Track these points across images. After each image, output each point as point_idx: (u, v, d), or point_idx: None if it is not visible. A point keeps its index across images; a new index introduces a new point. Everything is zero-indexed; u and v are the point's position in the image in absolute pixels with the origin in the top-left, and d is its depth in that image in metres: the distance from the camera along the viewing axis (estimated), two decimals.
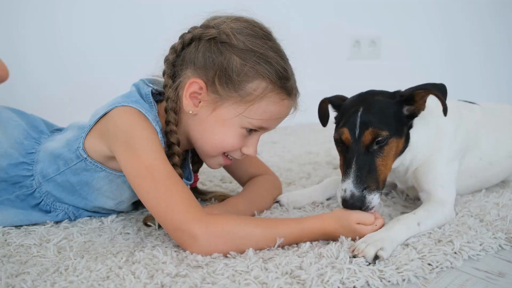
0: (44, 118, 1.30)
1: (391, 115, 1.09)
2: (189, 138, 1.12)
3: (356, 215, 1.01)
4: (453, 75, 3.38)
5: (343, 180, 1.05)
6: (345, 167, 1.07)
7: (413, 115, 1.14)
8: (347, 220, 1.01)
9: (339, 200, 1.06)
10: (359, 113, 1.06)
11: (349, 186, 1.02)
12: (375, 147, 1.06)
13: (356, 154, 1.05)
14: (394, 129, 1.09)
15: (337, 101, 1.21)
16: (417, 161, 1.20)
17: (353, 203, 1.02)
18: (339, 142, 1.10)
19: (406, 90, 1.13)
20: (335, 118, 1.21)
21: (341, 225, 1.01)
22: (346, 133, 1.07)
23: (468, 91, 3.37)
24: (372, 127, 1.05)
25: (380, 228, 1.02)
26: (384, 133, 1.05)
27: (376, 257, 0.92)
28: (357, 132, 1.05)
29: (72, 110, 1.79)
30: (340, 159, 1.12)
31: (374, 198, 1.03)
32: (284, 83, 1.06)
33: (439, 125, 1.21)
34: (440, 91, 1.10)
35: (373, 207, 1.04)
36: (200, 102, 1.06)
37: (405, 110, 1.13)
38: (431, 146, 1.19)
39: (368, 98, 1.12)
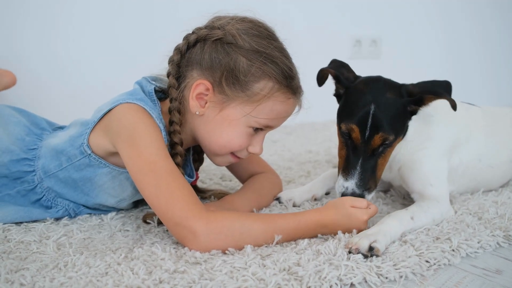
0: (45, 118, 1.30)
1: (399, 116, 1.10)
2: (196, 138, 1.13)
3: (350, 199, 1.05)
4: (453, 75, 3.35)
5: (346, 178, 1.07)
6: (348, 165, 1.08)
7: (415, 112, 1.15)
8: (341, 204, 1.04)
9: (338, 195, 1.10)
10: (371, 113, 1.06)
11: (351, 186, 1.06)
12: (380, 149, 1.09)
13: (362, 156, 1.07)
14: (399, 130, 1.11)
15: (343, 78, 1.16)
16: (400, 156, 1.20)
17: None
18: (346, 135, 1.10)
19: (414, 87, 1.12)
20: (338, 93, 1.19)
21: (336, 211, 1.03)
22: (356, 132, 1.07)
23: (469, 91, 3.37)
24: (382, 132, 1.06)
25: (374, 213, 1.06)
26: (391, 138, 1.08)
27: (371, 249, 0.93)
28: (367, 133, 1.06)
29: (73, 110, 1.79)
30: (342, 148, 1.13)
31: (369, 196, 1.08)
32: (289, 82, 1.07)
33: (426, 119, 1.20)
34: (448, 92, 1.10)
35: None
36: (206, 103, 1.07)
37: (409, 107, 1.13)
38: (416, 141, 1.19)
39: (380, 95, 1.09)
